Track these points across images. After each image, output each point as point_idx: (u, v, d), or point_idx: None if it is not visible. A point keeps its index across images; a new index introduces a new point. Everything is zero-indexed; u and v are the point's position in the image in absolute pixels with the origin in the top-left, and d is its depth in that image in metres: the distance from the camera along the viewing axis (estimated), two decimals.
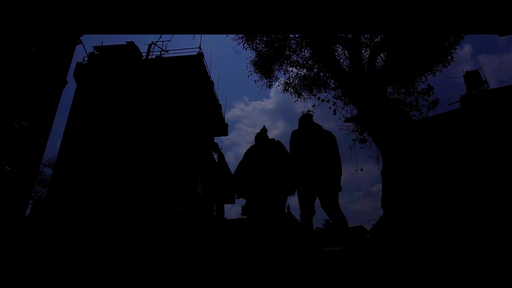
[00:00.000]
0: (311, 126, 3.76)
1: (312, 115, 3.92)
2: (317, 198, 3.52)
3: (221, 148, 20.04)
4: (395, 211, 4.80)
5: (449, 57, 7.02)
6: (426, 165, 5.13)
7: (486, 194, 9.74)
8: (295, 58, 8.40)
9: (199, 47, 14.09)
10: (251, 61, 8.61)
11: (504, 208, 8.20)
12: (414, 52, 6.77)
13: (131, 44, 15.18)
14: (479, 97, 13.59)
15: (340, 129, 18.88)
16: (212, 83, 15.07)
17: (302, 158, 3.51)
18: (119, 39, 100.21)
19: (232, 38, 8.60)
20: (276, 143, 3.71)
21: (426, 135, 7.89)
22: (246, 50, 8.41)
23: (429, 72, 7.34)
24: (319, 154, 3.49)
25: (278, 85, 9.01)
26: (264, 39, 8.08)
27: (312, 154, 3.50)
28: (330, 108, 7.67)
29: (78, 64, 14.48)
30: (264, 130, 3.83)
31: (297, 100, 8.98)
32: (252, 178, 3.52)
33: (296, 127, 3.95)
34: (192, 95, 14.03)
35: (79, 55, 63.24)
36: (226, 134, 18.97)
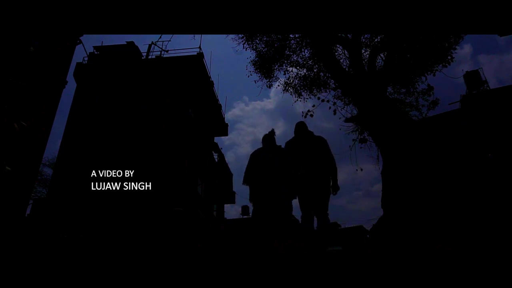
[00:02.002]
0: (305, 134, 3.88)
1: (305, 124, 4.00)
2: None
3: (221, 148, 20.02)
4: (395, 211, 4.80)
5: (449, 57, 7.02)
6: (426, 165, 5.13)
7: (486, 194, 9.74)
8: (295, 58, 8.41)
9: (199, 47, 14.10)
10: (251, 61, 8.61)
11: (504, 208, 8.20)
12: (414, 52, 6.77)
13: (131, 44, 15.18)
14: (479, 97, 13.58)
15: (340, 129, 18.88)
16: (212, 83, 15.07)
17: (300, 164, 3.65)
18: (119, 39, 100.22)
19: (232, 38, 8.60)
20: (280, 149, 3.78)
21: (426, 135, 7.89)
22: (246, 50, 8.41)
23: (429, 72, 7.34)
24: (313, 159, 3.66)
25: (278, 85, 9.02)
26: (264, 39, 8.08)
27: (308, 160, 3.66)
28: (330, 108, 7.69)
29: (78, 64, 14.48)
30: (272, 133, 3.88)
31: (297, 100, 8.99)
32: (259, 180, 3.58)
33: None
34: (192, 95, 14.02)
35: (79, 55, 63.35)
36: (226, 134, 18.98)
